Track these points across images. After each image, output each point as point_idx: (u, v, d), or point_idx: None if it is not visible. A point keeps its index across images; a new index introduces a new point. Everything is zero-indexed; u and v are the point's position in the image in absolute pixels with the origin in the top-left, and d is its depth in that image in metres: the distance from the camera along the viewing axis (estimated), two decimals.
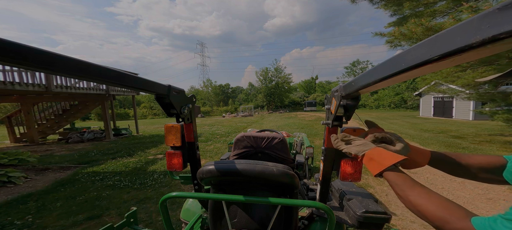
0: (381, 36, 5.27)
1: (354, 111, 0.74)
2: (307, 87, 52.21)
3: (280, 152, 1.37)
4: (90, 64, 0.52)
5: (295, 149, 3.28)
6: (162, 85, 0.78)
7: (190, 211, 1.29)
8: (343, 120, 0.77)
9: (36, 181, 4.26)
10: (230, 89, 56.56)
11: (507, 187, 3.44)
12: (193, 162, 1.00)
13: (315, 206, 0.69)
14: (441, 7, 5.39)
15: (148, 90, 0.72)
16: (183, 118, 0.90)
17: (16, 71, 6.20)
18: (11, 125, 9.53)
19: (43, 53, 0.42)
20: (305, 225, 1.00)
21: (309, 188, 1.36)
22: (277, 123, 15.05)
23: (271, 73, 40.75)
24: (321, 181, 0.88)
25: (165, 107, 0.86)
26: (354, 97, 0.72)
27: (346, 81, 5.92)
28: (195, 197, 0.93)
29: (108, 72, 0.57)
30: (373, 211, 0.82)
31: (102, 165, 5.22)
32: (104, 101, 9.56)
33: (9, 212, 2.95)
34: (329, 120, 0.77)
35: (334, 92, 0.76)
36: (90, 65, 0.52)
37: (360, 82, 0.58)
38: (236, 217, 0.88)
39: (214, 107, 43.96)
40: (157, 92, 0.76)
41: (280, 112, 34.10)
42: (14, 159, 5.28)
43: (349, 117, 0.76)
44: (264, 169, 0.80)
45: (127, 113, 37.86)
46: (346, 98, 0.70)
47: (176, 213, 2.65)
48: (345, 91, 0.68)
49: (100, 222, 2.63)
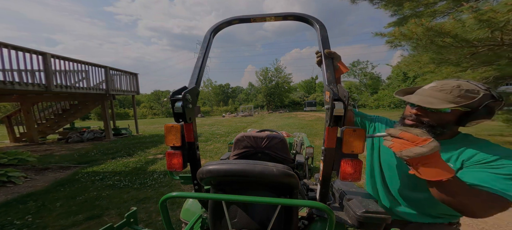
0: (381, 36, 5.26)
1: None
2: (307, 87, 52.25)
3: (280, 152, 1.37)
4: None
5: (295, 149, 3.28)
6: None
7: (190, 211, 1.29)
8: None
9: (36, 181, 4.25)
10: (230, 89, 56.57)
11: None
12: (193, 162, 1.00)
13: (315, 206, 0.69)
14: (441, 7, 5.38)
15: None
16: (183, 118, 0.90)
17: (16, 71, 6.20)
18: (10, 124, 9.52)
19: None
20: (305, 225, 1.00)
21: (309, 188, 1.36)
22: (277, 123, 15.05)
23: (271, 73, 40.79)
24: (321, 181, 0.88)
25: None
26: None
27: (346, 81, 5.94)
28: (195, 197, 0.93)
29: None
30: (373, 211, 0.82)
31: (102, 165, 5.22)
32: (104, 100, 9.55)
33: (8, 212, 2.95)
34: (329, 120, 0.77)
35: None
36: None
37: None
38: (236, 217, 0.88)
39: (214, 107, 43.99)
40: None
41: (280, 112, 34.10)
42: (14, 159, 5.28)
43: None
44: (264, 169, 0.79)
45: (127, 112, 37.87)
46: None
47: (176, 213, 2.65)
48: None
49: (100, 222, 2.63)
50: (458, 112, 0.84)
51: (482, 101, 0.80)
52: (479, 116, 0.82)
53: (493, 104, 0.81)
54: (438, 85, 0.88)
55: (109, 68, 9.54)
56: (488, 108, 0.80)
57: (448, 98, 0.83)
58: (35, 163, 5.48)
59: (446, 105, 0.81)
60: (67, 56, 7.60)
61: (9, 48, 5.86)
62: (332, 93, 0.75)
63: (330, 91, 0.76)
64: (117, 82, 10.29)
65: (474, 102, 0.80)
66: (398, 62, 8.18)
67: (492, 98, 0.81)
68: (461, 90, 0.83)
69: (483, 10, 3.02)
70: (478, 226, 2.44)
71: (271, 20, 1.11)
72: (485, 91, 0.82)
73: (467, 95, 0.81)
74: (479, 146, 0.83)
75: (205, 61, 1.06)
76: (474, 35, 3.28)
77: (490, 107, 0.81)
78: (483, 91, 0.82)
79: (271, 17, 1.09)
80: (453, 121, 0.86)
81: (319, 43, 0.96)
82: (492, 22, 3.03)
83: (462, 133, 0.93)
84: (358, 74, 40.77)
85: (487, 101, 0.80)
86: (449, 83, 0.86)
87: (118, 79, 10.39)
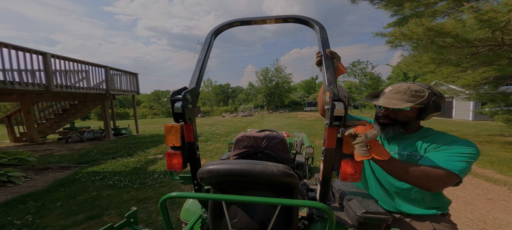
0: (382, 36, 5.26)
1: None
2: (307, 87, 52.22)
3: (280, 152, 1.37)
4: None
5: (295, 149, 3.28)
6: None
7: (190, 211, 1.29)
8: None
9: (36, 181, 4.25)
10: (230, 89, 56.57)
11: (507, 187, 3.44)
12: (193, 162, 1.00)
13: (315, 206, 0.69)
14: (442, 7, 5.38)
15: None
16: (183, 118, 0.90)
17: (16, 70, 6.20)
18: (11, 124, 9.52)
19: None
20: (305, 225, 1.00)
21: (309, 188, 1.36)
22: (277, 123, 15.06)
23: (271, 73, 40.77)
24: (321, 181, 0.88)
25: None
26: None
27: (346, 81, 5.92)
28: (195, 197, 0.93)
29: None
30: (373, 211, 0.82)
31: (102, 165, 5.22)
32: (104, 100, 9.55)
33: (9, 211, 2.95)
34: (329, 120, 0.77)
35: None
36: None
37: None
38: (236, 217, 0.88)
39: (214, 107, 43.97)
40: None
41: (280, 112, 34.10)
42: (14, 159, 5.28)
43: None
44: (264, 169, 0.79)
45: (127, 112, 37.86)
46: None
47: (176, 213, 2.65)
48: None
49: (100, 222, 2.63)
50: (415, 109, 1.02)
51: (430, 98, 0.99)
52: (431, 110, 1.00)
53: (438, 99, 1.00)
54: (394, 88, 1.06)
55: (109, 68, 9.54)
56: (435, 103, 0.99)
57: (405, 98, 1.00)
58: (35, 163, 5.48)
59: (405, 104, 0.98)
60: (67, 56, 7.62)
61: (9, 48, 5.87)
62: (333, 94, 0.75)
63: (331, 92, 0.76)
64: (117, 82, 10.29)
65: (424, 100, 0.98)
66: (399, 62, 8.18)
67: (435, 95, 1.00)
68: (411, 91, 1.00)
69: (484, 10, 3.02)
70: (478, 226, 2.44)
71: (272, 23, 1.13)
72: (429, 90, 1.00)
73: (417, 95, 0.99)
74: (437, 136, 1.03)
75: (206, 62, 1.07)
76: (475, 35, 3.29)
77: (437, 102, 1.00)
78: (427, 90, 1.00)
79: (272, 20, 1.11)
80: (415, 117, 1.04)
81: (319, 44, 0.97)
82: (492, 22, 3.03)
83: (424, 128, 1.11)
84: (358, 74, 40.73)
85: (433, 97, 0.99)
86: (402, 86, 1.04)
87: (118, 79, 10.38)
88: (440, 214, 1.03)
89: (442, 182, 0.88)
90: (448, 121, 14.89)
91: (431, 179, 0.87)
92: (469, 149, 0.90)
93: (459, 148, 0.91)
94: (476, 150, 0.91)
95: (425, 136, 1.04)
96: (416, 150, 1.02)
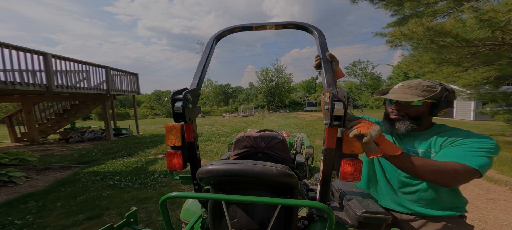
0: (382, 36, 5.25)
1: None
2: (307, 87, 52.22)
3: (280, 152, 1.37)
4: None
5: (295, 149, 3.28)
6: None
7: (190, 211, 1.29)
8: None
9: (37, 181, 4.26)
10: (230, 89, 56.60)
11: (508, 187, 3.43)
12: (193, 162, 1.00)
13: (315, 206, 0.69)
14: (442, 7, 5.37)
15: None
16: (183, 118, 0.91)
17: (17, 71, 6.22)
18: (12, 124, 9.54)
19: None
20: (305, 225, 1.00)
21: (309, 188, 1.36)
22: (277, 123, 15.05)
23: (272, 73, 40.79)
24: (321, 181, 0.88)
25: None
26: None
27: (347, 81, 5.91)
28: (195, 197, 0.93)
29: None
30: (373, 211, 0.82)
31: (102, 165, 5.23)
32: (104, 100, 9.56)
33: (9, 211, 2.96)
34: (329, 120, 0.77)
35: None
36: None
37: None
38: (236, 217, 0.88)
39: (214, 107, 43.99)
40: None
41: (280, 112, 34.10)
42: (15, 159, 5.29)
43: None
44: (263, 169, 0.80)
45: (128, 113, 37.87)
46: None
47: (176, 213, 2.65)
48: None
49: (100, 222, 2.63)
50: (427, 104, 1.00)
51: (442, 93, 0.97)
52: (443, 106, 0.98)
53: (450, 95, 0.98)
54: (405, 84, 1.05)
55: (109, 68, 9.56)
56: (447, 99, 0.98)
57: (416, 93, 0.98)
58: (36, 163, 5.49)
59: (417, 98, 0.97)
60: (68, 56, 7.63)
61: (10, 49, 5.88)
62: (332, 94, 0.75)
63: (330, 92, 0.76)
64: (117, 82, 10.31)
65: (436, 94, 0.97)
66: (399, 62, 8.16)
67: (447, 91, 0.99)
68: (423, 86, 0.98)
69: (484, 10, 3.01)
70: (479, 226, 2.43)
71: (272, 29, 1.17)
72: (440, 86, 0.99)
73: (429, 90, 0.98)
74: (451, 131, 0.99)
75: (207, 65, 1.09)
76: (475, 35, 3.28)
77: (449, 97, 0.98)
78: (439, 86, 0.99)
79: (272, 26, 1.16)
80: (426, 112, 1.01)
81: (318, 48, 1.00)
82: (493, 22, 3.03)
83: (437, 124, 1.07)
84: (359, 74, 40.69)
85: (445, 93, 0.97)
86: (412, 81, 1.03)
87: (118, 79, 10.40)
88: (458, 215, 0.98)
89: (459, 178, 0.84)
90: (449, 121, 14.83)
91: (446, 174, 0.83)
92: (488, 144, 0.87)
93: (477, 143, 0.88)
94: (494, 144, 0.88)
95: (440, 132, 1.00)
96: (431, 146, 0.98)
